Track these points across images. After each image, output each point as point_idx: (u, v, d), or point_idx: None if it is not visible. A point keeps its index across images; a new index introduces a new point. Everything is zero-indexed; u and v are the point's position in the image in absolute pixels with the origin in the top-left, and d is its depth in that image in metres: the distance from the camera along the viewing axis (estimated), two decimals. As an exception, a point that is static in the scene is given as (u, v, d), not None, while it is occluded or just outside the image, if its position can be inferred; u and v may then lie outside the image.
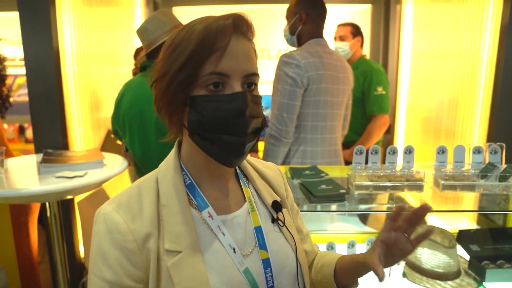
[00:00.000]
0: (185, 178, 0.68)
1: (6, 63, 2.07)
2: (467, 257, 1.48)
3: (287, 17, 1.78)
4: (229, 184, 0.72)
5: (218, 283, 0.62)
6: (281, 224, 0.73)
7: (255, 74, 0.63)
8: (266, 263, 0.68)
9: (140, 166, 1.73)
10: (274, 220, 0.73)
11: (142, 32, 1.66)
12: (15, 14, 1.95)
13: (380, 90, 2.40)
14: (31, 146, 2.14)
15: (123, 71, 2.95)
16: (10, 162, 1.80)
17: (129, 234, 0.60)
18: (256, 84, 0.64)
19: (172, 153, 0.70)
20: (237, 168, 0.76)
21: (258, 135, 0.64)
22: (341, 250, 1.50)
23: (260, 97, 0.65)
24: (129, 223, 0.61)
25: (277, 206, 0.73)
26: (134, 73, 2.74)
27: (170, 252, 0.61)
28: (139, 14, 3.42)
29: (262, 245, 0.69)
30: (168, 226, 0.62)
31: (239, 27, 0.61)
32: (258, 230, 0.69)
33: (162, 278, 0.61)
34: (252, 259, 0.67)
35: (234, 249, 0.65)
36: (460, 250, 1.50)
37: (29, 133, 3.52)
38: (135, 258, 0.60)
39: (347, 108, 1.93)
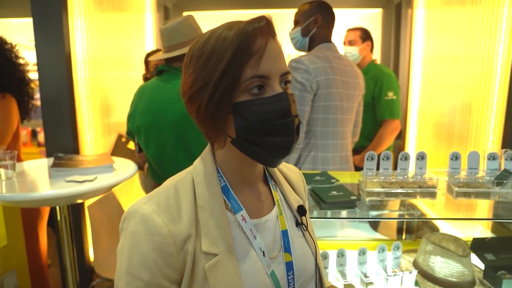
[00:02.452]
0: (220, 181, 0.68)
1: (26, 68, 2.08)
2: (482, 266, 1.44)
3: (298, 20, 1.78)
4: (260, 188, 0.73)
5: (250, 286, 0.63)
6: (304, 228, 0.75)
7: (289, 72, 0.64)
8: (289, 266, 0.69)
9: (154, 166, 1.73)
10: (298, 224, 0.75)
11: (170, 31, 1.59)
12: (29, 20, 1.99)
13: (390, 95, 2.37)
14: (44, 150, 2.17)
15: (134, 76, 2.98)
16: (21, 166, 1.82)
17: (169, 237, 0.61)
18: (289, 82, 0.65)
19: (207, 155, 0.70)
20: (265, 170, 0.77)
21: (298, 133, 0.65)
22: (352, 257, 1.47)
23: (293, 95, 0.66)
24: (169, 226, 0.61)
25: (302, 210, 0.75)
26: (145, 78, 2.75)
27: (207, 254, 0.62)
28: (149, 19, 3.46)
29: (287, 249, 0.70)
30: (205, 228, 0.63)
31: (271, 28, 0.63)
32: (284, 233, 0.71)
33: (197, 279, 0.62)
34: (277, 262, 0.69)
35: (263, 252, 0.67)
36: (474, 259, 1.46)
37: (41, 137, 3.57)
38: (172, 260, 0.61)
39: (358, 114, 1.90)
